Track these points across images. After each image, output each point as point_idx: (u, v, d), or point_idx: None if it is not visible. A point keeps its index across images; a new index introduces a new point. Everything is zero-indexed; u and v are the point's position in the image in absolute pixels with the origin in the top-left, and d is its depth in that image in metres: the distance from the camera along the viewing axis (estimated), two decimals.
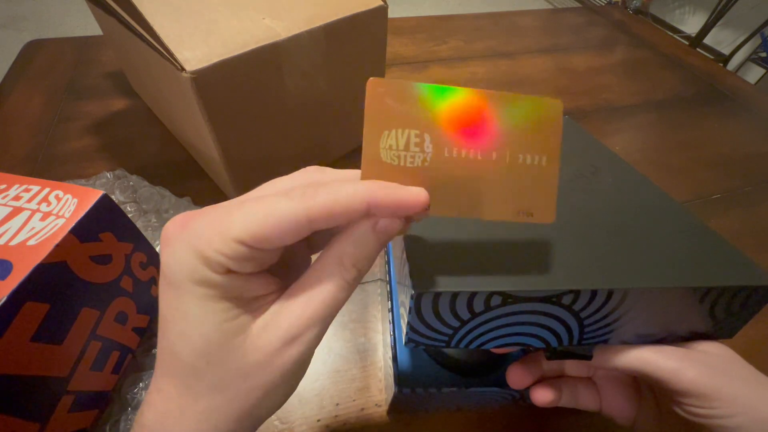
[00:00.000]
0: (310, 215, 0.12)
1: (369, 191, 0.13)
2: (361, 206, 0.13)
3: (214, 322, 0.13)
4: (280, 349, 0.13)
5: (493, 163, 0.15)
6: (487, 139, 0.14)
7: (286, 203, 0.12)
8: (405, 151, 0.14)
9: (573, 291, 0.17)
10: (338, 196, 0.12)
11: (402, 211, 0.13)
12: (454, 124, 0.14)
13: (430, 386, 0.24)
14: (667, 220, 0.22)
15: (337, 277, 0.13)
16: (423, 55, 0.69)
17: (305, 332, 0.13)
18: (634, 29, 0.83)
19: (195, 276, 0.12)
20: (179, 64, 0.27)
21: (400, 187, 0.13)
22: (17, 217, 0.21)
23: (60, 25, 1.79)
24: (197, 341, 0.13)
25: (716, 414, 0.17)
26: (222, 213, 0.13)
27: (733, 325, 0.20)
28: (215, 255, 0.12)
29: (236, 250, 0.12)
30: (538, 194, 0.15)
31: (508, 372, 0.22)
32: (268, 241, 0.12)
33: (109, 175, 0.40)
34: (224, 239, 0.12)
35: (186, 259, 0.12)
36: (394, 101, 0.14)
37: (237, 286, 0.13)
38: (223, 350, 0.13)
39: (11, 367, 0.19)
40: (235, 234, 0.12)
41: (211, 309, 0.13)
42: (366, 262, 0.14)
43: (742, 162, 0.54)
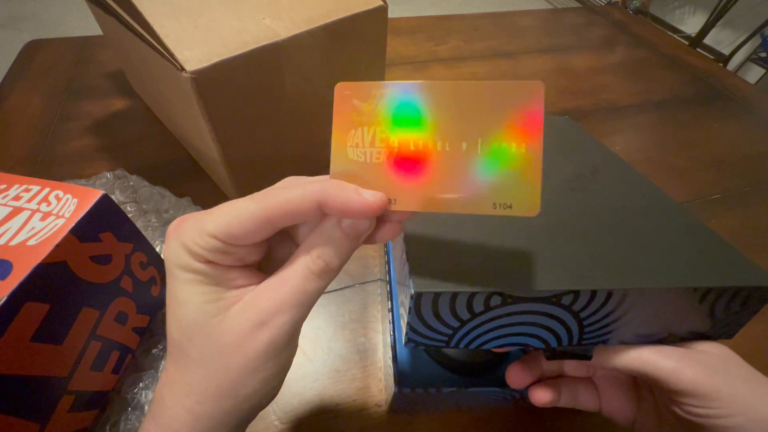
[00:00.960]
0: (266, 214, 0.14)
1: (320, 191, 0.14)
2: (312, 205, 0.14)
3: (195, 302, 0.14)
4: (250, 332, 0.14)
5: (464, 154, 0.14)
6: (454, 128, 0.14)
7: (248, 204, 0.14)
8: (371, 148, 0.14)
9: (573, 291, 0.17)
10: (291, 196, 0.14)
11: (353, 213, 0.14)
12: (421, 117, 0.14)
13: (430, 386, 0.24)
14: (666, 221, 0.22)
15: (303, 267, 0.15)
16: (423, 55, 0.69)
17: (273, 318, 0.14)
18: (634, 29, 0.83)
19: (180, 263, 0.14)
20: (179, 64, 0.27)
21: (352, 190, 0.14)
22: (17, 217, 0.21)
23: (60, 25, 1.79)
24: (181, 319, 0.15)
25: (715, 414, 0.17)
26: (205, 213, 0.15)
27: (733, 325, 0.20)
28: (194, 246, 0.14)
29: (210, 242, 0.14)
30: (519, 185, 0.14)
31: (508, 371, 0.22)
32: (234, 236, 0.14)
33: (109, 175, 0.40)
34: (201, 233, 0.14)
35: (176, 250, 0.14)
36: (360, 101, 0.14)
37: (217, 275, 0.15)
38: (201, 328, 0.14)
39: (11, 367, 0.19)
40: (209, 229, 0.14)
41: (193, 291, 0.14)
42: (333, 256, 0.15)
43: (742, 162, 0.54)
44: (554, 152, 0.29)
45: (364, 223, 0.15)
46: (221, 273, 0.15)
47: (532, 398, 0.22)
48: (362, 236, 0.15)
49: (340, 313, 0.34)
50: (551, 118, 0.35)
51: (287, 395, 0.29)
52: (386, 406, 0.29)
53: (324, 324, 0.33)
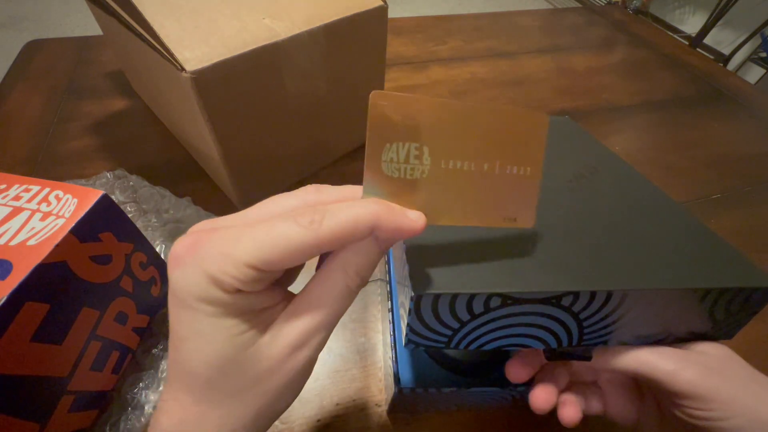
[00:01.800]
0: (318, 242, 0.13)
1: (374, 217, 0.13)
2: (366, 231, 0.13)
3: (225, 337, 0.13)
4: (289, 356, 0.14)
5: (484, 174, 0.16)
6: (479, 151, 0.15)
7: (295, 230, 0.13)
8: (405, 164, 0.15)
9: (572, 292, 0.17)
10: (346, 223, 0.13)
11: (402, 236, 0.14)
12: (451, 137, 0.15)
13: (430, 386, 0.24)
14: (666, 221, 0.22)
15: (341, 286, 0.14)
16: (423, 55, 0.69)
17: (312, 339, 0.14)
18: (634, 29, 0.83)
19: (206, 296, 0.13)
20: (179, 64, 0.27)
21: (402, 213, 0.14)
22: (17, 217, 0.21)
23: (60, 25, 1.79)
24: (211, 356, 0.13)
25: (714, 416, 0.17)
26: (231, 236, 0.13)
27: (733, 325, 0.20)
28: (226, 278, 0.13)
29: (247, 273, 0.13)
30: (522, 201, 0.16)
31: (508, 367, 0.22)
32: (277, 265, 0.13)
33: (109, 175, 0.40)
34: (235, 263, 0.12)
35: (196, 280, 0.13)
36: (396, 114, 0.14)
37: (245, 303, 0.13)
38: (236, 362, 0.13)
39: (11, 367, 0.19)
40: (246, 259, 0.12)
41: (221, 325, 0.13)
42: (369, 271, 0.15)
43: (742, 162, 0.54)
44: (554, 152, 0.29)
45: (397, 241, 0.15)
46: (248, 300, 0.14)
47: (533, 405, 0.22)
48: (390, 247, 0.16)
49: None
50: (551, 119, 0.35)
51: None
52: (386, 406, 0.29)
53: None
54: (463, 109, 0.15)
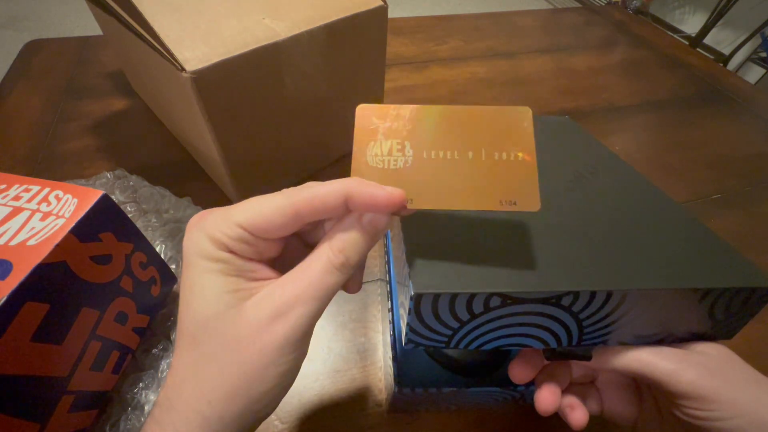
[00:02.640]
0: (295, 208, 0.15)
1: (346, 186, 0.15)
2: (338, 199, 0.15)
3: (213, 291, 0.14)
4: (268, 324, 0.14)
5: (470, 161, 0.16)
6: (461, 142, 0.16)
7: (277, 198, 0.15)
8: (388, 156, 0.16)
9: (572, 292, 0.17)
10: (319, 191, 0.15)
11: (377, 207, 0.15)
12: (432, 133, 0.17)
13: (430, 386, 0.24)
14: (666, 221, 0.22)
15: (323, 261, 0.15)
16: (423, 55, 0.69)
17: (291, 310, 0.14)
18: (634, 29, 0.83)
19: (202, 252, 0.15)
20: (179, 64, 0.27)
21: (375, 185, 0.15)
22: (17, 217, 0.21)
23: (60, 25, 1.79)
24: (197, 309, 0.14)
25: (714, 416, 0.17)
26: (230, 207, 0.15)
27: (733, 325, 0.20)
28: (220, 235, 0.14)
29: (236, 231, 0.14)
30: (520, 185, 0.16)
31: (511, 368, 0.22)
32: (261, 227, 0.15)
33: (109, 175, 0.40)
34: (227, 222, 0.15)
35: (198, 239, 0.15)
36: (379, 119, 0.17)
37: (238, 266, 0.15)
38: (218, 320, 0.14)
39: (11, 367, 0.19)
40: (236, 219, 0.14)
41: (212, 280, 0.14)
42: (353, 250, 0.15)
43: (742, 162, 0.54)
44: (554, 152, 0.29)
45: (383, 220, 0.16)
46: (242, 264, 0.15)
47: (539, 407, 0.21)
48: (380, 233, 0.16)
49: (340, 313, 0.34)
50: (551, 119, 0.35)
51: (287, 395, 0.29)
52: (386, 406, 0.29)
53: (324, 324, 0.33)
54: (442, 110, 0.17)
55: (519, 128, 0.17)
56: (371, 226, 0.15)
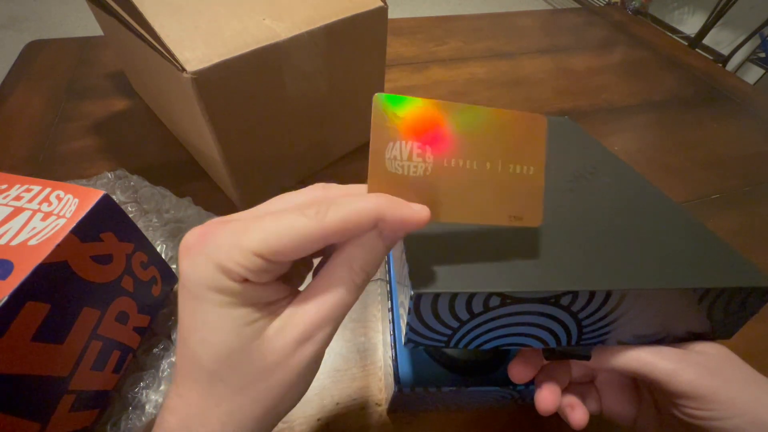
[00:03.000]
0: (324, 232, 0.13)
1: (378, 208, 0.14)
2: (370, 222, 0.14)
3: (232, 327, 0.13)
4: (296, 349, 0.14)
5: (488, 172, 0.16)
6: (481, 150, 0.16)
7: (301, 220, 0.13)
8: (408, 162, 0.15)
9: (571, 292, 0.17)
10: (350, 214, 0.13)
11: (406, 227, 0.14)
12: (454, 136, 0.15)
13: (430, 386, 0.24)
14: (665, 221, 0.22)
15: (347, 281, 0.14)
16: (423, 56, 0.69)
17: (317, 332, 0.14)
18: (634, 30, 0.83)
19: (214, 285, 0.13)
20: (180, 64, 0.27)
21: (406, 205, 0.14)
22: (18, 217, 0.22)
23: (60, 25, 1.79)
24: (218, 347, 0.13)
25: (713, 416, 0.17)
26: (240, 227, 0.13)
27: (732, 325, 0.20)
28: (234, 266, 0.13)
29: (254, 262, 0.13)
30: (527, 200, 0.16)
31: (510, 368, 0.22)
32: (284, 255, 0.13)
33: (110, 176, 0.40)
34: (243, 252, 0.13)
35: (205, 269, 0.13)
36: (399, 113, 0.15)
37: (253, 294, 0.14)
38: (242, 354, 0.13)
39: (12, 367, 0.19)
40: (254, 247, 0.13)
41: (229, 315, 0.13)
42: (373, 266, 0.15)
43: (741, 162, 0.54)
44: (553, 153, 0.29)
45: (402, 235, 0.15)
46: (257, 292, 0.14)
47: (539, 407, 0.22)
48: (395, 245, 0.16)
49: None
50: (551, 119, 0.35)
51: None
52: (386, 406, 0.29)
53: None
54: (464, 110, 0.16)
55: (534, 139, 0.16)
56: (391, 241, 0.15)
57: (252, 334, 0.14)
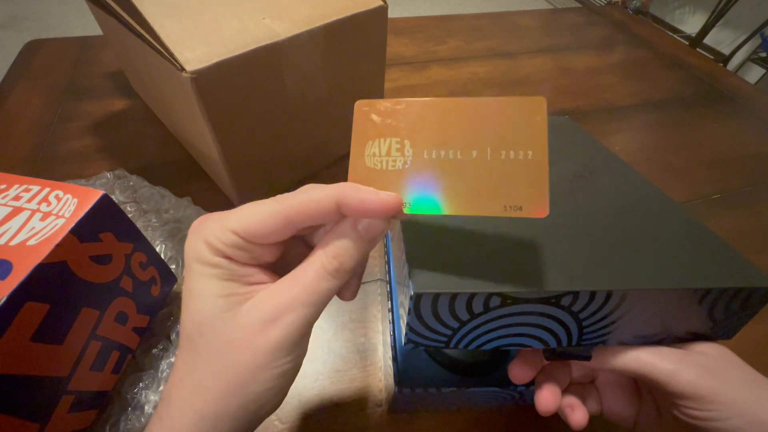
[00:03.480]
0: (287, 213, 0.15)
1: (339, 192, 0.15)
2: (330, 205, 0.14)
3: (209, 295, 0.15)
4: (261, 329, 0.14)
5: (474, 160, 0.15)
6: (466, 139, 0.15)
7: (271, 203, 0.15)
8: (387, 157, 0.16)
9: (572, 292, 0.17)
10: (311, 197, 0.15)
11: (370, 213, 0.15)
12: (434, 129, 0.15)
13: (430, 386, 0.24)
14: (666, 221, 0.22)
15: (317, 266, 0.15)
16: (423, 55, 0.69)
17: (285, 315, 0.14)
18: (634, 29, 0.83)
19: (199, 257, 0.15)
20: (179, 64, 0.27)
21: (369, 191, 0.15)
22: (17, 217, 0.21)
23: (60, 25, 1.79)
24: (194, 312, 0.15)
25: (713, 416, 0.17)
26: (228, 212, 0.15)
27: (732, 326, 0.20)
28: (216, 241, 0.15)
29: (230, 238, 0.15)
30: (528, 188, 0.14)
31: (510, 369, 0.22)
32: (254, 233, 0.15)
33: (109, 175, 0.40)
34: (222, 229, 0.15)
35: (196, 244, 0.15)
36: (378, 116, 0.16)
37: (234, 271, 0.15)
38: (212, 323, 0.14)
39: (11, 367, 0.19)
40: (231, 226, 0.15)
41: (207, 284, 0.15)
42: (348, 256, 0.15)
43: (742, 162, 0.54)
44: (554, 152, 0.29)
45: (379, 225, 0.15)
46: (237, 269, 0.15)
47: (539, 407, 0.21)
48: (377, 238, 0.16)
49: (340, 313, 0.34)
50: (551, 119, 0.35)
51: (287, 395, 0.29)
52: (386, 406, 0.29)
53: (324, 324, 0.33)
54: (444, 103, 0.15)
55: (531, 123, 0.15)
56: (367, 233, 0.15)
57: (225, 306, 0.14)
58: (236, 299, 0.15)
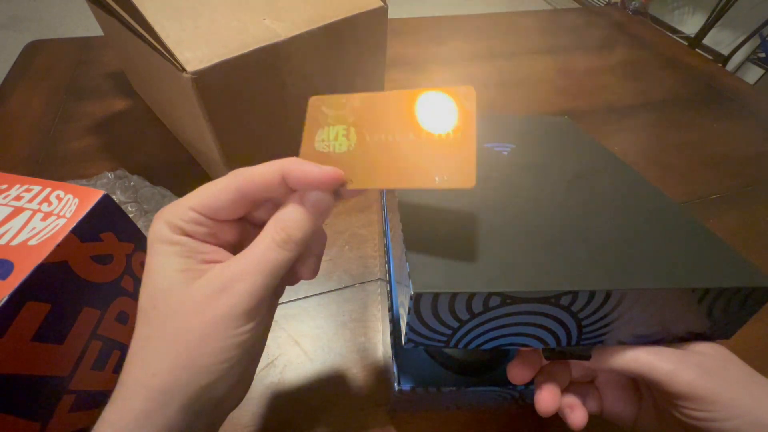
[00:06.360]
0: (238, 184, 0.16)
1: (284, 163, 0.16)
2: (275, 175, 0.16)
3: (166, 270, 0.15)
4: (211, 297, 0.15)
5: (410, 142, 0.17)
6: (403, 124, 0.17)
7: (223, 179, 0.16)
8: (334, 141, 0.18)
9: (571, 292, 0.17)
10: (258, 169, 0.16)
11: (312, 184, 0.16)
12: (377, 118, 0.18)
13: (430, 386, 0.24)
14: (665, 221, 0.22)
15: (267, 238, 0.16)
16: (423, 56, 0.69)
17: (235, 284, 0.15)
18: (634, 30, 0.83)
19: (160, 237, 0.16)
20: (180, 64, 0.27)
21: (312, 164, 0.16)
22: (18, 217, 0.22)
23: (61, 25, 1.79)
24: (150, 287, 0.15)
25: (713, 417, 0.17)
26: (186, 195, 0.17)
27: (731, 325, 0.20)
28: (175, 219, 0.16)
29: (189, 214, 0.16)
30: (456, 162, 0.17)
31: (509, 369, 0.22)
32: (210, 207, 0.16)
33: (110, 175, 0.40)
34: (181, 207, 0.16)
35: (157, 226, 0.16)
36: (328, 108, 0.18)
37: (192, 248, 0.16)
38: (167, 295, 0.15)
39: (12, 367, 0.19)
40: (188, 203, 0.16)
41: (166, 261, 0.15)
42: (295, 228, 0.16)
43: (741, 162, 0.54)
44: (553, 153, 0.29)
45: (324, 199, 0.17)
46: (196, 245, 0.16)
47: (539, 408, 0.21)
48: (324, 212, 0.17)
49: (340, 313, 0.34)
50: (550, 119, 0.36)
51: (287, 394, 0.29)
52: (386, 406, 0.29)
53: (324, 323, 0.33)
54: (386, 96, 0.18)
55: (462, 108, 0.17)
56: (313, 206, 0.16)
57: (181, 279, 0.15)
58: (193, 274, 0.15)
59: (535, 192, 0.24)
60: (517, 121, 0.35)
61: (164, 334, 0.14)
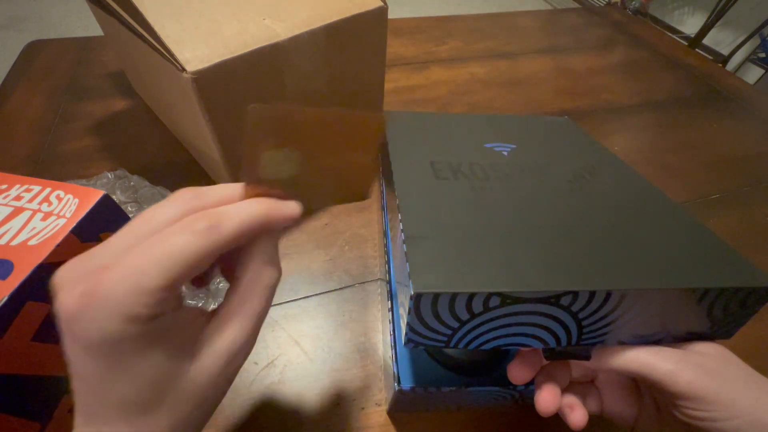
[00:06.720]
0: (219, 246, 0.14)
1: (265, 214, 0.16)
2: (261, 227, 0.15)
3: (157, 363, 0.13)
4: (227, 364, 0.15)
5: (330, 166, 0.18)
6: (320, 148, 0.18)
7: (194, 240, 0.13)
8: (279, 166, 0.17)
9: (571, 292, 0.17)
10: (243, 223, 0.15)
11: (289, 223, 0.17)
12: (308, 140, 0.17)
13: (430, 386, 0.24)
14: (665, 221, 0.22)
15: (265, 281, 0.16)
16: (423, 56, 0.69)
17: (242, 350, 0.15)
18: (634, 30, 0.83)
19: (125, 335, 0.12)
20: (180, 64, 0.27)
21: (284, 205, 0.17)
22: (18, 217, 0.22)
23: (61, 25, 1.79)
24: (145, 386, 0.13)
25: (713, 417, 0.17)
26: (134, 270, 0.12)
27: (731, 325, 0.20)
28: (144, 309, 0.12)
29: (161, 297, 0.13)
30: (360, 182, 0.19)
31: (509, 369, 0.22)
32: (188, 277, 0.13)
33: (110, 176, 0.40)
34: (148, 293, 0.12)
35: (111, 326, 0.12)
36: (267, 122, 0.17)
37: (167, 325, 0.13)
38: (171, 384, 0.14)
39: (12, 367, 0.19)
40: (157, 284, 0.12)
41: (151, 355, 0.13)
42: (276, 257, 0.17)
43: (741, 162, 0.54)
44: (553, 152, 0.29)
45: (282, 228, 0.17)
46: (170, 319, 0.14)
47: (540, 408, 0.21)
48: None
49: (340, 313, 0.34)
50: (550, 119, 0.36)
51: (288, 394, 0.29)
52: (386, 406, 0.29)
53: (324, 323, 0.33)
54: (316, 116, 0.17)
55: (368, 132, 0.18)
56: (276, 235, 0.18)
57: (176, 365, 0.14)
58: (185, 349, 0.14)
59: (535, 192, 0.24)
60: (517, 121, 0.35)
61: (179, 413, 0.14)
